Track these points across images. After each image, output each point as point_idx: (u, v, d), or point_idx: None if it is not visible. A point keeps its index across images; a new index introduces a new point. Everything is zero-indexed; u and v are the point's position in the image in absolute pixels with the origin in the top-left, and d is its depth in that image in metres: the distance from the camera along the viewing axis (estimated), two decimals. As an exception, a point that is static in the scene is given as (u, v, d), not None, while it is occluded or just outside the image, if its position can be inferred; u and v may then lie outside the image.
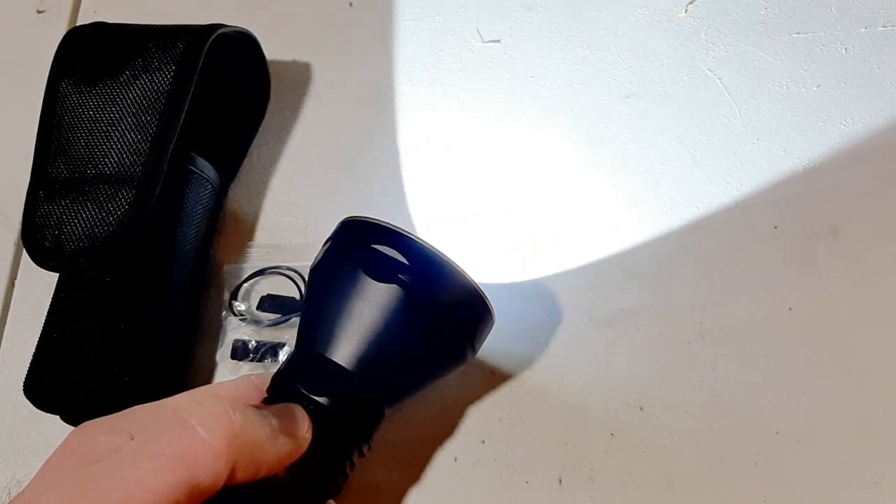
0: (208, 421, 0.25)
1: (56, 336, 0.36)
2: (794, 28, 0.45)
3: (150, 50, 0.39)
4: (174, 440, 0.24)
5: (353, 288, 0.30)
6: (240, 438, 0.25)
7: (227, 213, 0.43)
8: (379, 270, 0.30)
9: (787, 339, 0.39)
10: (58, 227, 0.37)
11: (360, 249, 0.31)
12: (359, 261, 0.30)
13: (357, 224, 0.32)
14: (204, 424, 0.25)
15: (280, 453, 0.27)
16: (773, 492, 0.36)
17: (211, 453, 0.24)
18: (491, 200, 0.43)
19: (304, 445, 0.28)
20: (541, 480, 0.37)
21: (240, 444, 0.25)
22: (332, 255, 0.32)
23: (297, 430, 0.28)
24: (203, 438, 0.24)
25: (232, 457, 0.25)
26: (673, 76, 0.45)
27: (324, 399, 0.29)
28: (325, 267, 0.32)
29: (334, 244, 0.33)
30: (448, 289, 0.31)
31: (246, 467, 0.25)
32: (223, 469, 0.25)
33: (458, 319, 0.31)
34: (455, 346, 0.32)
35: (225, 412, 0.25)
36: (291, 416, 0.28)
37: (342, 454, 0.29)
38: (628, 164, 0.43)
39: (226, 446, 0.25)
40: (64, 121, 0.39)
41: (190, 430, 0.24)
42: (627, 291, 0.40)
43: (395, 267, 0.30)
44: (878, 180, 0.42)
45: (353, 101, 0.46)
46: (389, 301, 0.30)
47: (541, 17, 0.47)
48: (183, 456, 0.24)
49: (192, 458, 0.24)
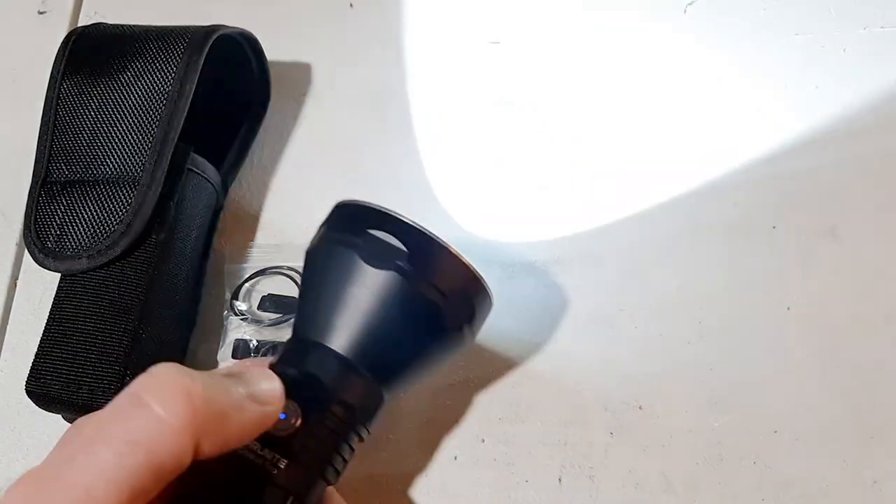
0: (165, 396, 0.23)
1: (57, 336, 0.36)
2: (793, 29, 0.45)
3: (152, 51, 0.39)
4: (129, 422, 0.23)
5: (350, 274, 0.30)
6: (201, 411, 0.23)
7: (228, 212, 0.43)
8: (376, 256, 0.30)
9: (787, 339, 0.39)
10: (59, 227, 0.37)
11: (355, 234, 0.31)
12: (354, 246, 0.30)
13: (352, 207, 0.32)
14: (160, 401, 0.23)
15: (248, 421, 0.25)
16: (772, 491, 0.36)
17: (170, 431, 0.23)
18: (491, 200, 0.43)
19: (276, 411, 0.26)
20: (541, 480, 0.37)
21: (202, 418, 0.23)
22: (327, 239, 0.32)
23: (267, 396, 0.26)
24: (160, 416, 0.23)
25: (195, 430, 0.23)
26: (672, 76, 0.45)
27: (320, 385, 0.29)
28: (320, 251, 0.32)
29: (329, 228, 0.32)
30: (447, 273, 0.31)
31: (213, 440, 0.24)
32: (187, 445, 0.23)
33: (456, 304, 0.31)
34: (454, 331, 0.31)
35: (182, 383, 0.24)
36: (259, 380, 0.26)
37: (340, 440, 0.29)
38: (628, 164, 0.43)
39: (186, 421, 0.23)
40: (65, 121, 0.39)
41: (145, 408, 0.23)
42: (627, 291, 0.40)
43: (393, 252, 0.30)
44: (878, 180, 0.42)
45: (353, 101, 0.46)
46: (387, 287, 0.29)
47: (541, 18, 0.47)
48: (139, 439, 0.22)
49: (150, 440, 0.22)
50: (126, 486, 0.22)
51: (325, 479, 0.29)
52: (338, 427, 0.29)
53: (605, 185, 0.43)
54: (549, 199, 0.43)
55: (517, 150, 0.44)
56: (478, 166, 0.44)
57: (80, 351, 0.36)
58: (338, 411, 0.29)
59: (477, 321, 0.33)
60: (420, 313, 0.30)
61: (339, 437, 0.29)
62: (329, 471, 0.29)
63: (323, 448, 0.28)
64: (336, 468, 0.29)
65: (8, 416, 0.39)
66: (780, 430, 0.37)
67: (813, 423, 0.37)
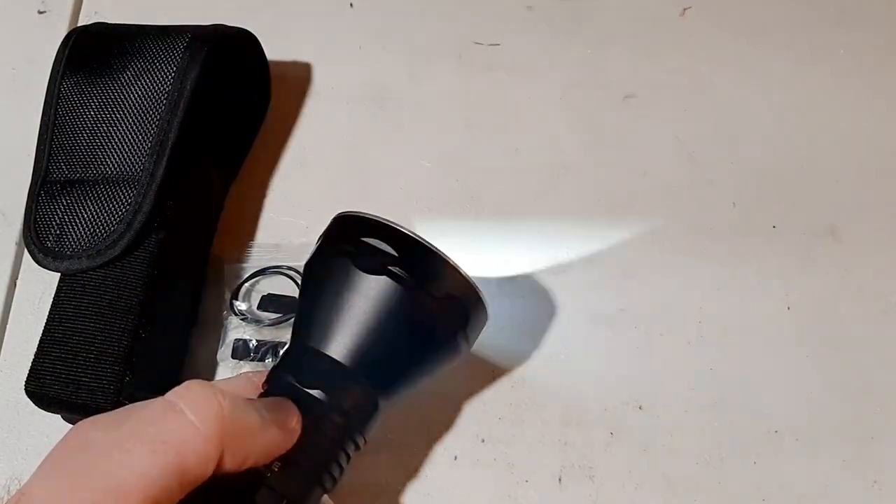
0: (197, 405, 0.25)
1: (57, 335, 0.36)
2: (792, 29, 0.45)
3: (152, 50, 0.39)
4: (163, 425, 0.24)
5: (345, 281, 0.30)
6: (229, 423, 0.25)
7: (228, 212, 0.43)
8: (370, 263, 0.30)
9: (787, 339, 0.39)
10: (59, 227, 0.37)
11: (351, 243, 0.31)
12: (350, 254, 0.31)
13: (349, 218, 0.32)
14: (193, 409, 0.25)
15: (269, 443, 0.27)
16: (772, 491, 0.36)
17: (200, 437, 0.24)
18: (491, 200, 0.43)
19: (294, 438, 0.28)
20: (541, 480, 0.37)
21: (229, 430, 0.25)
22: (324, 249, 0.33)
23: (286, 422, 0.28)
24: (192, 422, 0.24)
25: (221, 441, 0.25)
26: (672, 76, 0.45)
27: (318, 392, 0.29)
28: (317, 261, 0.33)
29: (327, 238, 0.33)
30: (440, 280, 0.31)
31: (235, 454, 0.25)
32: (213, 454, 0.24)
33: (450, 311, 0.31)
34: (449, 338, 0.32)
35: (214, 397, 0.25)
36: (281, 407, 0.28)
37: (337, 446, 0.29)
38: (627, 163, 0.43)
39: (215, 431, 0.24)
40: (65, 121, 0.39)
41: (179, 413, 0.24)
42: (627, 291, 0.40)
43: (386, 259, 0.30)
44: (878, 180, 0.42)
45: (353, 101, 0.46)
46: (381, 294, 0.30)
47: (541, 19, 0.47)
48: (172, 440, 0.24)
49: (182, 443, 0.24)
50: (156, 485, 0.23)
51: (322, 486, 0.29)
52: (335, 434, 0.29)
53: (605, 184, 0.43)
54: (549, 199, 0.43)
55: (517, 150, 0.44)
56: (478, 166, 0.44)
57: (80, 351, 0.36)
58: (336, 419, 0.29)
59: (471, 329, 0.33)
60: (414, 320, 0.31)
61: (336, 444, 0.29)
62: (325, 478, 0.29)
63: (319, 454, 0.29)
64: (333, 475, 0.29)
65: (7, 415, 0.39)
66: (780, 430, 0.37)
67: (813, 423, 0.37)
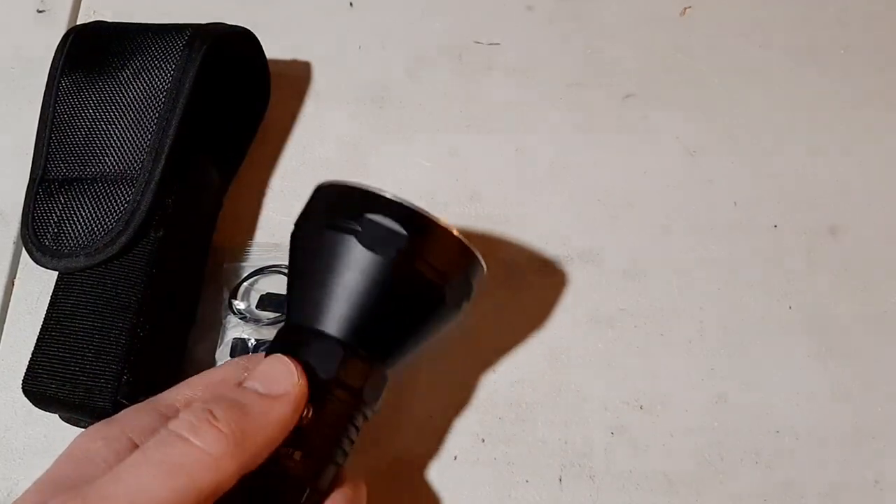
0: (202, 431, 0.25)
1: (55, 335, 0.36)
2: (792, 30, 0.45)
3: (150, 48, 0.39)
4: (172, 451, 0.25)
5: (338, 256, 0.29)
6: (239, 445, 0.25)
7: (227, 211, 0.43)
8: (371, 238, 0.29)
9: (787, 339, 0.39)
10: (57, 225, 0.37)
11: (342, 217, 0.30)
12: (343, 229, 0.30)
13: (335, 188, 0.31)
14: (199, 437, 0.25)
15: (277, 426, 0.27)
16: (773, 491, 0.36)
17: (210, 460, 0.25)
18: (491, 200, 0.43)
19: (300, 396, 0.27)
20: (541, 480, 0.37)
21: (239, 448, 0.25)
22: (312, 222, 0.32)
23: (286, 387, 0.27)
24: (200, 448, 0.25)
25: (235, 460, 0.25)
26: (672, 76, 0.45)
27: (323, 371, 0.29)
28: (305, 236, 0.32)
29: (313, 211, 0.32)
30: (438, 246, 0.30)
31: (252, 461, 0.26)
32: (230, 471, 0.25)
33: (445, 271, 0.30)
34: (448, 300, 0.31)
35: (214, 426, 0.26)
36: (275, 375, 0.28)
37: (347, 422, 0.29)
38: (627, 164, 0.43)
39: (226, 454, 0.25)
40: (63, 119, 0.38)
41: (185, 441, 0.25)
42: (627, 291, 0.40)
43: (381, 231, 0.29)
44: (878, 180, 0.42)
45: (353, 101, 0.46)
46: (377, 267, 0.29)
47: (541, 19, 0.47)
48: (182, 464, 0.25)
49: (192, 466, 0.25)
50: None
51: (336, 462, 0.29)
52: (344, 411, 0.29)
53: (605, 184, 0.43)
54: (549, 199, 0.43)
55: (517, 150, 0.44)
56: (478, 166, 0.44)
57: (78, 349, 0.35)
58: (342, 395, 0.29)
59: (471, 284, 0.32)
60: (417, 293, 0.30)
61: (346, 420, 0.29)
62: (339, 453, 0.29)
63: (332, 433, 0.29)
64: (345, 450, 0.29)
65: (4, 415, 0.39)
66: (781, 430, 0.37)
67: (813, 423, 0.37)
